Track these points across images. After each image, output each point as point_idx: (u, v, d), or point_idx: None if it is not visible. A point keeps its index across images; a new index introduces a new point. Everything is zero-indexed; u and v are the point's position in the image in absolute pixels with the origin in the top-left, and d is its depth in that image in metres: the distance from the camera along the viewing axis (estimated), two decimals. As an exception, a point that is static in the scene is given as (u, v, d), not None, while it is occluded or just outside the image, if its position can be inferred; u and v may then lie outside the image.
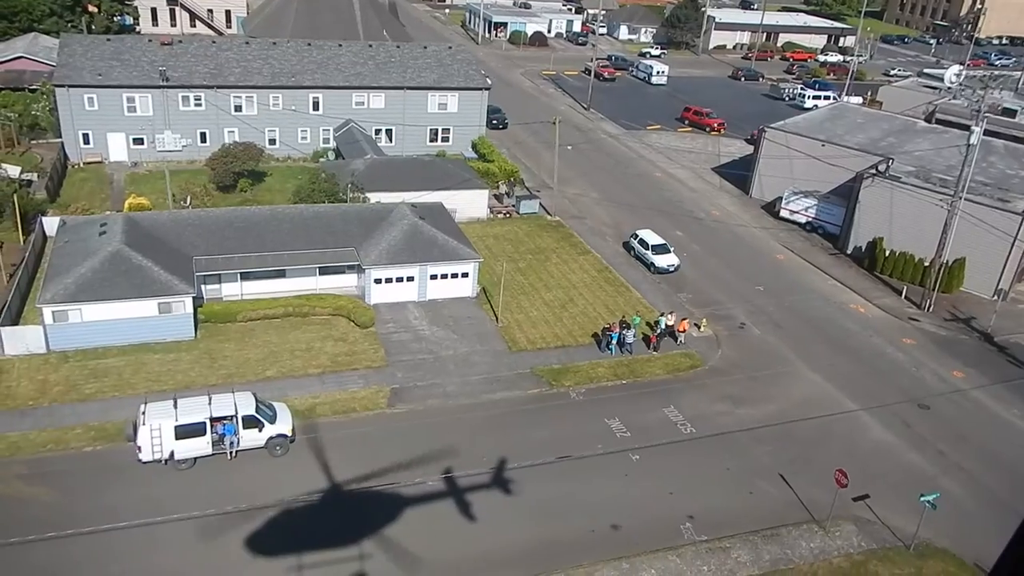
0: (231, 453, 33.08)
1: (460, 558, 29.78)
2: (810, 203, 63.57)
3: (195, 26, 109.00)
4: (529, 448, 35.97)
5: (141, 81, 62.51)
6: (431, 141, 71.95)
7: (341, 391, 38.60)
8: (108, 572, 27.34)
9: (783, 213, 65.15)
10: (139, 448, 31.83)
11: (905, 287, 54.24)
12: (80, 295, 38.96)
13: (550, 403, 39.75)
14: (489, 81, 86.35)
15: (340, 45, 72.41)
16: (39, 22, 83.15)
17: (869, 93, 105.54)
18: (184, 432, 32.02)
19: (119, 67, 62.91)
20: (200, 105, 64.35)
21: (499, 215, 61.23)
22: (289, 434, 34.00)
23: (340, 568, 28.65)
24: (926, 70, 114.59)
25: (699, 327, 47.12)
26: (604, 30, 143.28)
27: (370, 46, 74.05)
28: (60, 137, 63.51)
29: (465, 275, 48.04)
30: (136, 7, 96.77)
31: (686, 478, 35.12)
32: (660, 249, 54.91)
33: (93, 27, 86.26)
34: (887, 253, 56.41)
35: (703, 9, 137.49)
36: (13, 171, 55.00)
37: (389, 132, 70.26)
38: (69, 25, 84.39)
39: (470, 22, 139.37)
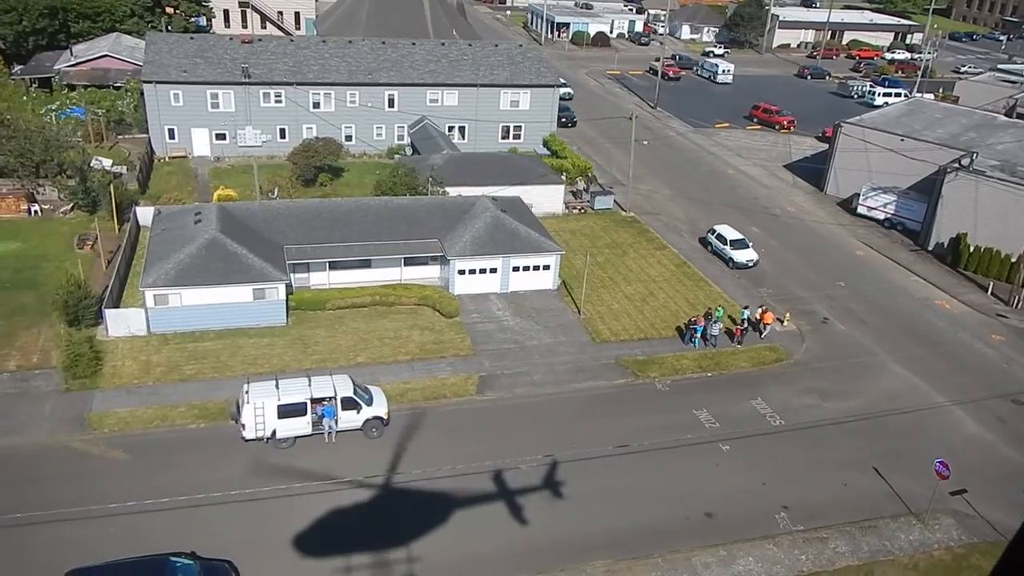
0: (330, 435, 33.80)
1: (554, 540, 30.01)
2: (889, 199, 62.46)
3: (265, 27, 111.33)
4: (618, 436, 36.12)
5: (224, 78, 64.25)
6: (503, 138, 72.52)
7: (431, 378, 39.22)
8: (225, 540, 28.19)
9: (860, 209, 64.13)
10: (243, 426, 32.77)
11: (991, 283, 52.97)
12: (180, 280, 40.26)
13: (636, 393, 39.83)
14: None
15: (414, 44, 73.46)
16: (121, 23, 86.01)
17: (941, 90, 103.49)
18: (286, 411, 32.89)
19: (203, 64, 64.77)
20: (280, 102, 65.87)
21: (574, 211, 61.48)
22: (385, 417, 34.67)
23: (436, 546, 29.16)
24: (1000, 66, 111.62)
25: (782, 322, 46.71)
26: (666, 30, 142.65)
27: (443, 44, 74.98)
28: (144, 132, 65.65)
29: (547, 267, 48.36)
30: (211, 8, 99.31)
31: (778, 469, 34.88)
32: (739, 244, 54.56)
33: (170, 27, 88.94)
34: (971, 249, 55.19)
35: (767, 7, 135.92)
36: (106, 163, 56.96)
37: (462, 129, 70.98)
38: (149, 25, 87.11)
39: (532, 23, 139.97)
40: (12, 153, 51.92)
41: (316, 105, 66.83)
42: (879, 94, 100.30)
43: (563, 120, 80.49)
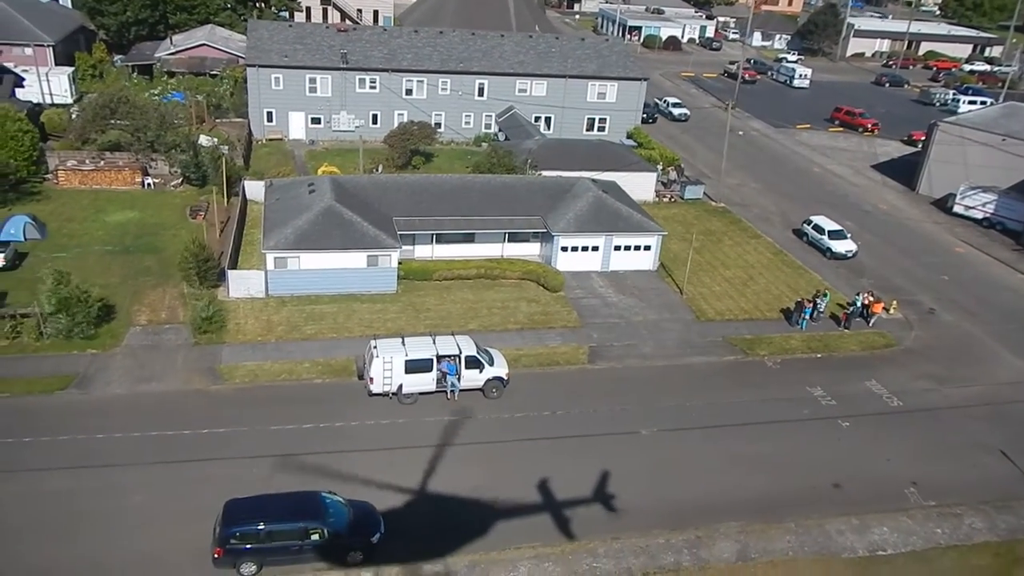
0: (452, 393, 34.26)
1: (681, 501, 29.94)
2: (989, 198, 61.21)
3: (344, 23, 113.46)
4: (736, 408, 35.98)
5: (322, 63, 65.75)
6: (587, 130, 72.88)
7: (542, 346, 39.51)
8: (358, 484, 28.67)
9: (957, 208, 62.96)
10: (371, 380, 33.35)
11: (1102, 283, 51.60)
12: (299, 244, 41.20)
13: (747, 370, 39.61)
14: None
15: (502, 36, 74.34)
16: (215, 15, 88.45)
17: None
18: (413, 367, 33.43)
19: (302, 50, 66.35)
20: (375, 88, 67.13)
21: (664, 199, 61.47)
22: (505, 378, 35.01)
23: (564, 500, 29.31)
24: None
25: (888, 310, 46.02)
26: (737, 35, 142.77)
27: (530, 37, 75.78)
28: (240, 117, 67.47)
29: (647, 248, 48.44)
30: (299, 2, 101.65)
31: (901, 447, 34.33)
32: (837, 235, 53.97)
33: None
34: (1080, 248, 53.85)
35: (842, 16, 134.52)
36: (215, 141, 58.58)
37: (548, 119, 71.58)
38: (241, 18, 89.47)
39: (602, 27, 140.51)
40: (129, 129, 53.76)
41: (409, 92, 67.97)
42: (963, 102, 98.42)
43: (643, 116, 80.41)
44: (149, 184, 53.57)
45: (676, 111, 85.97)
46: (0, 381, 32.48)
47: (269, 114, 66.18)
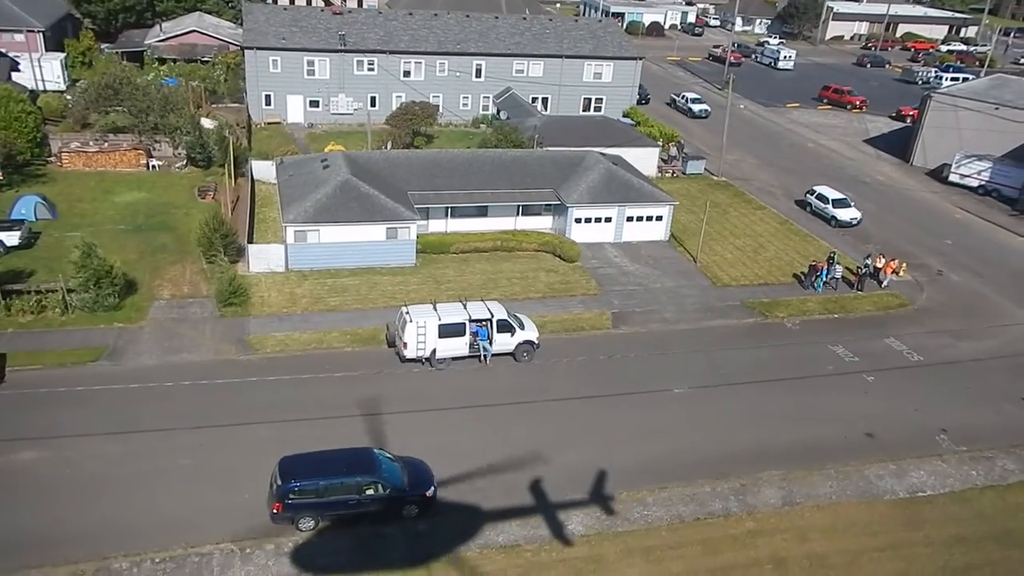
0: (484, 358, 34.37)
1: (722, 452, 30.27)
2: (984, 166, 62.29)
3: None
4: (763, 365, 36.46)
5: (320, 46, 65.35)
6: (584, 110, 73.15)
7: (566, 313, 39.71)
8: (402, 445, 28.67)
9: (952, 177, 64.00)
10: (405, 344, 33.34)
11: (1100, 244, 52.75)
12: (318, 217, 41.02)
13: (768, 331, 40.13)
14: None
15: (497, 17, 74.37)
16: (202, 2, 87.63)
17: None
18: (446, 331, 33.46)
19: (299, 33, 65.90)
20: (372, 70, 66.85)
21: (667, 174, 61.90)
22: (536, 341, 35.15)
23: (615, 451, 29.55)
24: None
25: (897, 273, 46.72)
26: (718, 21, 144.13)
27: (524, 18, 75.82)
28: (236, 102, 66.94)
29: (659, 218, 48.80)
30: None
31: (928, 397, 34.99)
32: (841, 203, 54.70)
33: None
34: (1077, 211, 55.00)
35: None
36: (215, 124, 58.05)
37: (545, 100, 71.69)
38: (228, 5, 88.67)
39: (585, 14, 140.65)
40: (133, 111, 53.14)
41: (407, 74, 67.79)
42: (946, 79, 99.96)
43: (637, 97, 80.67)
44: (153, 166, 53.02)
45: (696, 107, 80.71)
46: (31, 354, 32.11)
47: (267, 97, 65.71)
